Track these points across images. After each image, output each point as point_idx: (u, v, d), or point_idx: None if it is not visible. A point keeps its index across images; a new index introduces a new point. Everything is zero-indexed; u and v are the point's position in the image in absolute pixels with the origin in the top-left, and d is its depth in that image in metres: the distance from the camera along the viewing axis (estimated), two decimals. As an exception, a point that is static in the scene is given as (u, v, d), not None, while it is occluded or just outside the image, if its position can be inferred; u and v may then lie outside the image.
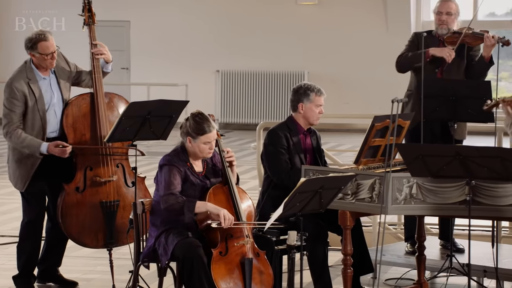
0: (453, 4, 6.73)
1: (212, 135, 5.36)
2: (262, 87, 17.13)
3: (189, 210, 5.19)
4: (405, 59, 6.72)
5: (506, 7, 16.56)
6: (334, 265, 6.75)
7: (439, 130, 6.60)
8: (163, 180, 5.29)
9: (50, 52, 6.02)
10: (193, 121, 5.35)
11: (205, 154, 5.39)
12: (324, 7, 16.76)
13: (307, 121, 6.10)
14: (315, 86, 6.12)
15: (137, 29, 17.49)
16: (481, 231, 7.55)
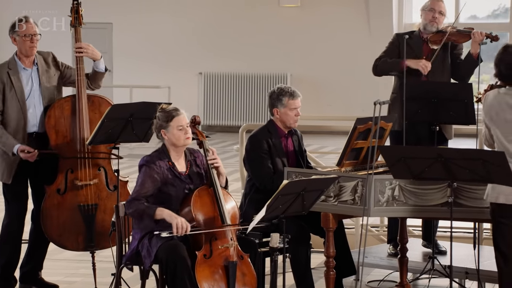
0: (444, 4, 6.76)
1: (182, 119, 5.35)
2: (244, 89, 17.13)
3: (149, 218, 5.21)
4: (383, 65, 6.72)
5: (487, 10, 16.64)
6: (317, 267, 6.76)
7: (425, 132, 6.60)
8: (136, 184, 5.30)
9: (29, 33, 6.02)
10: (161, 113, 5.38)
11: (182, 141, 5.36)
12: (306, 10, 16.78)
13: (285, 124, 6.11)
14: (288, 90, 6.08)
15: (119, 31, 17.45)
16: (463, 233, 7.58)
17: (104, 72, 6.34)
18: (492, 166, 4.80)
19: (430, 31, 6.67)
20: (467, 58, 6.64)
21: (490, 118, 4.97)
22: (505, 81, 5.00)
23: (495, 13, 16.56)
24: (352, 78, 16.33)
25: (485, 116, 5.03)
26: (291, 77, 16.79)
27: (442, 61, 6.66)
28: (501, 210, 4.94)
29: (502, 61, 4.98)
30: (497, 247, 5.00)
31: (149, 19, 17.26)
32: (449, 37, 6.61)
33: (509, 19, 15.84)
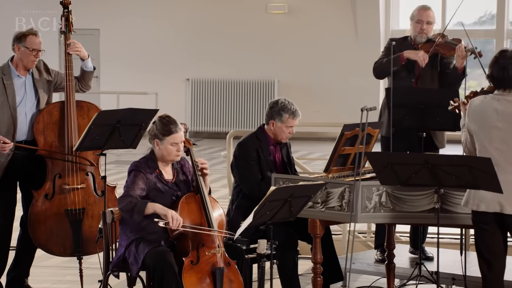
0: (432, 12, 6.76)
1: (179, 136, 5.36)
2: (232, 96, 17.13)
3: (138, 212, 5.19)
4: (381, 65, 6.73)
5: (474, 17, 16.72)
6: (304, 273, 6.76)
7: (416, 139, 6.60)
8: (126, 184, 5.30)
9: (37, 48, 6.04)
10: (160, 123, 5.37)
11: (172, 157, 5.38)
12: (293, 16, 16.81)
13: (275, 138, 6.11)
14: (291, 107, 6.06)
15: (106, 37, 17.43)
16: (449, 239, 7.60)
17: (93, 71, 6.36)
18: (478, 172, 4.81)
19: (420, 42, 6.70)
20: (452, 71, 6.65)
21: (476, 124, 4.97)
22: (495, 84, 4.99)
23: (481, 20, 16.63)
24: (339, 84, 16.36)
25: (469, 122, 5.01)
26: (279, 83, 16.81)
27: (432, 69, 6.68)
28: (483, 218, 4.94)
29: (496, 64, 4.98)
30: (480, 253, 5.00)
31: (136, 25, 17.25)
32: (437, 49, 6.62)
33: (495, 26, 15.91)
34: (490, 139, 4.91)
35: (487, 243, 4.96)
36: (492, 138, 4.90)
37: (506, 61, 4.94)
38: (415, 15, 6.74)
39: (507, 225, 4.92)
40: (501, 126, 4.90)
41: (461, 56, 6.54)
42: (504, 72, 4.93)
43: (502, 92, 4.96)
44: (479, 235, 4.99)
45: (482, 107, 4.96)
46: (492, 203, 4.89)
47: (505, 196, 4.86)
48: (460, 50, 6.53)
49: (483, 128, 4.94)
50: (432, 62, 6.66)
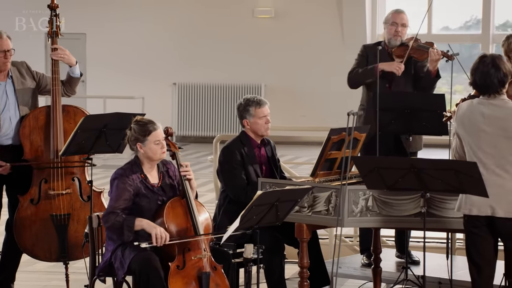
0: (406, 16, 6.79)
1: (160, 133, 5.35)
2: (219, 100, 17.13)
3: (128, 230, 5.17)
4: (356, 76, 6.75)
5: (460, 21, 16.78)
6: (291, 277, 6.76)
7: (392, 143, 6.63)
8: (110, 198, 5.28)
9: (3, 49, 5.99)
10: (137, 126, 5.36)
11: (159, 156, 5.36)
12: (280, 20, 16.82)
13: (256, 134, 6.11)
14: (253, 99, 6.10)
15: (93, 41, 17.40)
16: (436, 243, 7.62)
17: (80, 77, 6.33)
18: (464, 176, 4.82)
19: (394, 45, 6.71)
20: (426, 74, 6.67)
21: (464, 129, 4.99)
22: (479, 90, 5.03)
23: (467, 25, 16.69)
24: (326, 88, 16.38)
25: (457, 127, 5.04)
26: (265, 87, 16.82)
27: (405, 73, 6.68)
28: (474, 222, 4.96)
29: (477, 71, 5.00)
30: (471, 258, 5.01)
31: (123, 29, 17.23)
32: (410, 53, 6.64)
33: (481, 31, 15.97)
34: (478, 143, 4.93)
35: (478, 248, 4.97)
36: (481, 142, 4.92)
37: (486, 67, 4.97)
38: (390, 18, 6.78)
39: (498, 228, 4.93)
40: (489, 130, 4.92)
41: (434, 60, 6.57)
42: (487, 79, 4.96)
43: (487, 97, 4.98)
44: (470, 239, 5.00)
45: (469, 112, 4.98)
46: (483, 207, 4.91)
47: (496, 200, 4.88)
48: (433, 54, 6.55)
49: (470, 132, 4.96)
50: (406, 66, 6.66)
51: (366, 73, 6.65)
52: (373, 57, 6.64)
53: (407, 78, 6.71)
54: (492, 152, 4.91)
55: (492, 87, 4.96)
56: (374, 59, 6.63)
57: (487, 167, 4.89)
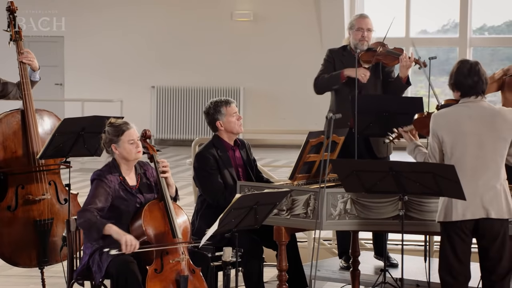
0: (370, 20, 6.78)
1: (133, 132, 5.34)
2: (197, 103, 17.10)
3: (97, 232, 5.17)
4: (322, 82, 6.75)
5: (437, 25, 16.86)
6: (270, 281, 6.76)
7: (363, 147, 6.62)
8: (87, 196, 5.26)
9: None
10: (110, 127, 5.35)
11: (134, 155, 5.35)
12: (259, 24, 16.83)
13: (232, 133, 6.11)
14: (221, 99, 6.13)
15: (71, 44, 17.32)
16: (414, 245, 7.64)
17: (38, 81, 6.28)
18: (442, 179, 4.84)
19: (361, 50, 6.70)
20: (396, 80, 6.67)
21: (450, 134, 4.96)
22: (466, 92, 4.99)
23: (444, 28, 16.77)
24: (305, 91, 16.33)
25: (441, 133, 4.98)
26: (244, 90, 16.82)
27: (374, 78, 6.69)
28: (462, 226, 4.94)
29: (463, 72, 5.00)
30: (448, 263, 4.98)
31: (100, 32, 17.17)
32: (378, 58, 6.61)
33: (458, 34, 16.05)
34: (466, 147, 4.92)
35: (458, 252, 4.97)
36: (468, 145, 4.92)
37: (474, 70, 4.99)
38: (355, 24, 6.75)
39: (483, 230, 4.94)
40: (477, 131, 4.93)
41: (405, 66, 6.56)
42: (478, 81, 4.98)
43: (474, 98, 4.99)
44: (451, 244, 4.98)
45: (454, 117, 4.98)
46: (477, 210, 4.92)
47: (488, 201, 4.91)
48: (405, 60, 6.54)
49: (458, 137, 4.94)
50: (374, 71, 6.65)
51: (332, 79, 6.65)
52: (340, 61, 6.64)
53: (376, 83, 6.71)
54: (479, 154, 4.92)
55: (480, 89, 4.99)
56: (341, 63, 6.64)
57: (476, 170, 4.90)
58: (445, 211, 4.99)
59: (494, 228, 4.95)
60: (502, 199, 4.95)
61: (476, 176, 4.91)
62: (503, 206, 4.95)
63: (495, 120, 4.96)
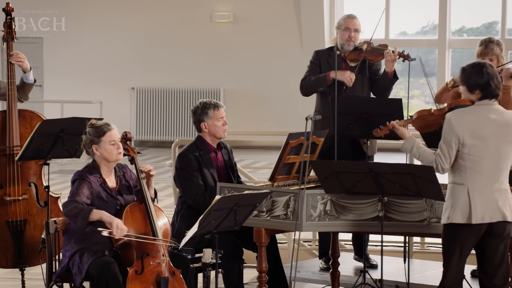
0: (358, 20, 6.81)
1: (114, 133, 5.34)
2: (177, 104, 17.07)
3: (83, 217, 5.15)
4: (308, 84, 6.78)
5: (417, 26, 16.92)
6: (250, 282, 6.76)
7: (348, 148, 6.65)
8: (71, 191, 5.25)
9: None
10: (91, 128, 5.35)
11: (115, 157, 5.35)
12: (239, 25, 16.83)
13: (215, 137, 6.11)
14: (211, 102, 6.13)
15: (50, 45, 17.25)
16: (393, 246, 7.67)
17: (33, 83, 6.27)
18: (421, 180, 4.86)
19: (347, 50, 6.74)
20: (383, 76, 6.72)
21: (471, 135, 4.88)
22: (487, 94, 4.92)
23: (424, 30, 16.84)
24: (285, 93, 16.41)
25: (462, 131, 4.88)
26: (224, 92, 16.81)
27: (361, 77, 6.73)
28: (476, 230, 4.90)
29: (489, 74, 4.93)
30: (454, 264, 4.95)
31: (80, 34, 17.11)
32: (365, 56, 6.66)
33: (437, 36, 16.13)
34: (485, 150, 4.88)
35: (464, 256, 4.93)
36: (488, 147, 4.90)
37: (493, 73, 4.98)
38: (342, 24, 6.79)
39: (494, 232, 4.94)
40: (495, 134, 4.91)
41: (390, 61, 6.61)
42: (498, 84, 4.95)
43: (494, 101, 4.96)
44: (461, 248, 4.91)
45: (476, 118, 4.92)
46: (495, 214, 4.89)
47: (503, 204, 4.90)
48: (389, 55, 6.59)
49: (479, 139, 4.89)
50: (361, 69, 6.70)
51: (318, 81, 6.68)
52: (326, 62, 6.67)
53: (363, 81, 6.75)
54: (496, 158, 4.91)
55: (498, 93, 4.98)
56: (327, 64, 6.67)
57: (492, 173, 4.89)
58: (462, 213, 4.89)
59: (505, 231, 4.96)
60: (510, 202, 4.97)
61: (493, 179, 4.90)
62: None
63: (510, 124, 4.96)
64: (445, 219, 4.95)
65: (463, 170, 4.89)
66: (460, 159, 4.91)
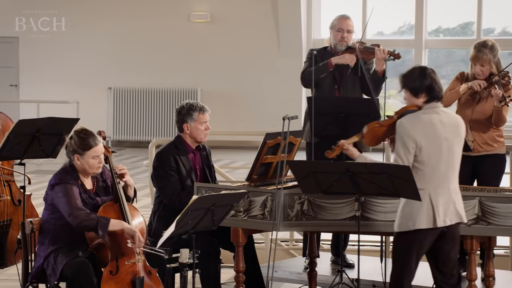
0: (351, 22, 6.89)
1: (99, 149, 5.30)
2: (154, 104, 17.03)
3: (102, 229, 5.10)
4: (310, 74, 6.82)
5: (393, 27, 16.99)
6: (227, 282, 6.76)
7: None
8: (63, 198, 5.18)
9: None
10: (78, 138, 5.29)
11: (95, 170, 5.33)
12: (216, 25, 16.81)
13: (195, 140, 6.10)
14: (197, 104, 6.12)
15: (26, 45, 17.16)
16: (370, 246, 7.69)
17: None
18: (398, 180, 4.87)
19: (340, 50, 6.81)
20: (373, 74, 6.78)
21: (427, 139, 4.90)
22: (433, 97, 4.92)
23: (400, 30, 16.91)
24: (262, 93, 16.42)
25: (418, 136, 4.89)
26: (201, 92, 16.79)
27: (353, 74, 6.78)
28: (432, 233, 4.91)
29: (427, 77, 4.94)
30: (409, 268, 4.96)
31: (56, 33, 17.03)
32: (357, 55, 6.75)
33: (414, 36, 16.19)
34: (440, 152, 4.90)
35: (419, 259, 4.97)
36: (443, 150, 4.92)
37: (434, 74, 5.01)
38: (336, 24, 6.86)
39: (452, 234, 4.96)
40: (447, 136, 4.94)
41: (380, 59, 6.68)
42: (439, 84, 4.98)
43: (440, 104, 4.99)
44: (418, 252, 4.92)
45: (429, 122, 4.93)
46: (454, 215, 4.94)
47: (459, 206, 4.95)
48: (379, 53, 6.68)
49: (435, 143, 4.91)
50: (353, 68, 6.77)
51: (320, 68, 6.73)
52: (321, 59, 6.75)
53: (355, 80, 6.81)
54: (450, 160, 4.95)
55: (442, 94, 5.02)
56: (322, 61, 6.75)
57: (448, 175, 4.92)
58: (426, 218, 4.89)
59: (458, 232, 5.01)
60: (462, 203, 5.01)
61: (448, 182, 4.93)
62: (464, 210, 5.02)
63: (459, 125, 5.01)
64: (405, 227, 4.91)
65: (422, 175, 4.90)
66: (418, 164, 4.91)
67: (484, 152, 6.37)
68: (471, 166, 6.36)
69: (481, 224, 5.40)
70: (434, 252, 5.03)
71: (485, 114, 6.37)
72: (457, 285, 5.08)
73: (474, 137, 6.35)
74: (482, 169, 6.39)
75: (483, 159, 6.38)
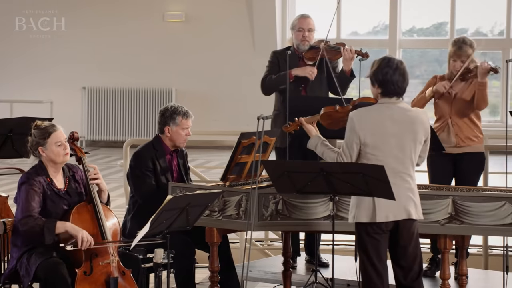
0: (312, 20, 6.88)
1: (60, 134, 5.27)
2: (129, 104, 16.98)
3: (49, 232, 5.07)
4: (270, 82, 6.81)
5: (368, 26, 17.04)
6: (202, 282, 6.75)
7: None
8: (21, 201, 5.17)
9: None
10: (36, 130, 5.28)
11: (61, 158, 5.28)
12: (191, 25, 16.79)
13: (174, 144, 6.09)
14: (181, 109, 6.09)
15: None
16: (344, 245, 7.71)
17: None
18: (371, 179, 4.89)
19: (303, 50, 6.80)
20: (341, 74, 6.79)
21: (373, 135, 4.96)
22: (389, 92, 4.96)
23: (375, 30, 16.97)
24: (237, 93, 16.43)
25: (363, 131, 4.95)
26: (176, 91, 16.76)
27: (319, 75, 6.78)
28: (383, 228, 4.98)
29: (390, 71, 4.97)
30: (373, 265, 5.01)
31: (30, 31, 16.93)
32: (323, 54, 6.73)
33: (388, 36, 16.26)
34: (388, 148, 4.96)
35: (380, 254, 5.02)
36: (391, 147, 4.96)
37: (398, 71, 5.01)
38: (296, 24, 6.86)
39: (401, 231, 5.01)
40: (398, 133, 4.98)
41: (348, 59, 6.69)
42: (399, 82, 5.00)
43: (396, 99, 5.03)
44: (373, 246, 5.01)
45: (377, 118, 4.99)
46: (400, 212, 4.97)
47: (408, 203, 4.97)
48: (347, 53, 6.67)
49: (382, 139, 4.96)
50: (319, 67, 6.76)
51: (280, 79, 6.71)
52: (284, 62, 6.70)
53: (321, 80, 6.81)
54: (399, 155, 4.98)
55: (403, 91, 5.03)
56: (285, 64, 6.70)
57: (396, 172, 4.96)
58: (366, 212, 4.98)
59: (412, 228, 5.04)
60: (417, 201, 5.04)
61: (397, 178, 4.96)
62: (418, 207, 5.05)
63: (414, 122, 5.03)
64: (351, 218, 5.07)
65: None
66: (364, 159, 4.98)
67: (465, 148, 6.42)
68: (451, 164, 6.43)
69: (455, 223, 5.43)
70: (391, 247, 5.09)
71: (465, 101, 6.42)
72: (416, 280, 5.09)
73: (456, 131, 6.41)
74: (461, 166, 6.46)
75: (462, 156, 6.44)
